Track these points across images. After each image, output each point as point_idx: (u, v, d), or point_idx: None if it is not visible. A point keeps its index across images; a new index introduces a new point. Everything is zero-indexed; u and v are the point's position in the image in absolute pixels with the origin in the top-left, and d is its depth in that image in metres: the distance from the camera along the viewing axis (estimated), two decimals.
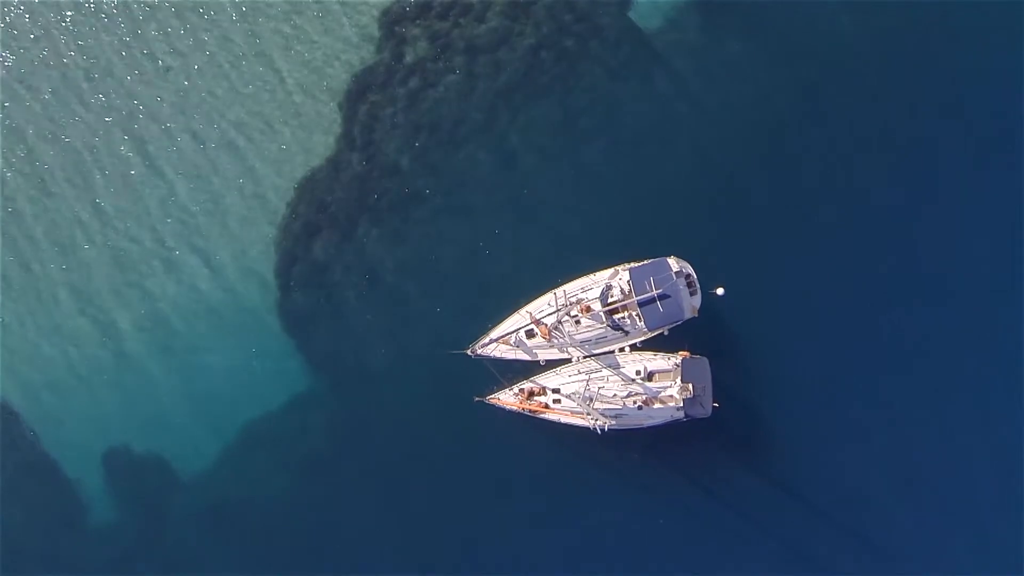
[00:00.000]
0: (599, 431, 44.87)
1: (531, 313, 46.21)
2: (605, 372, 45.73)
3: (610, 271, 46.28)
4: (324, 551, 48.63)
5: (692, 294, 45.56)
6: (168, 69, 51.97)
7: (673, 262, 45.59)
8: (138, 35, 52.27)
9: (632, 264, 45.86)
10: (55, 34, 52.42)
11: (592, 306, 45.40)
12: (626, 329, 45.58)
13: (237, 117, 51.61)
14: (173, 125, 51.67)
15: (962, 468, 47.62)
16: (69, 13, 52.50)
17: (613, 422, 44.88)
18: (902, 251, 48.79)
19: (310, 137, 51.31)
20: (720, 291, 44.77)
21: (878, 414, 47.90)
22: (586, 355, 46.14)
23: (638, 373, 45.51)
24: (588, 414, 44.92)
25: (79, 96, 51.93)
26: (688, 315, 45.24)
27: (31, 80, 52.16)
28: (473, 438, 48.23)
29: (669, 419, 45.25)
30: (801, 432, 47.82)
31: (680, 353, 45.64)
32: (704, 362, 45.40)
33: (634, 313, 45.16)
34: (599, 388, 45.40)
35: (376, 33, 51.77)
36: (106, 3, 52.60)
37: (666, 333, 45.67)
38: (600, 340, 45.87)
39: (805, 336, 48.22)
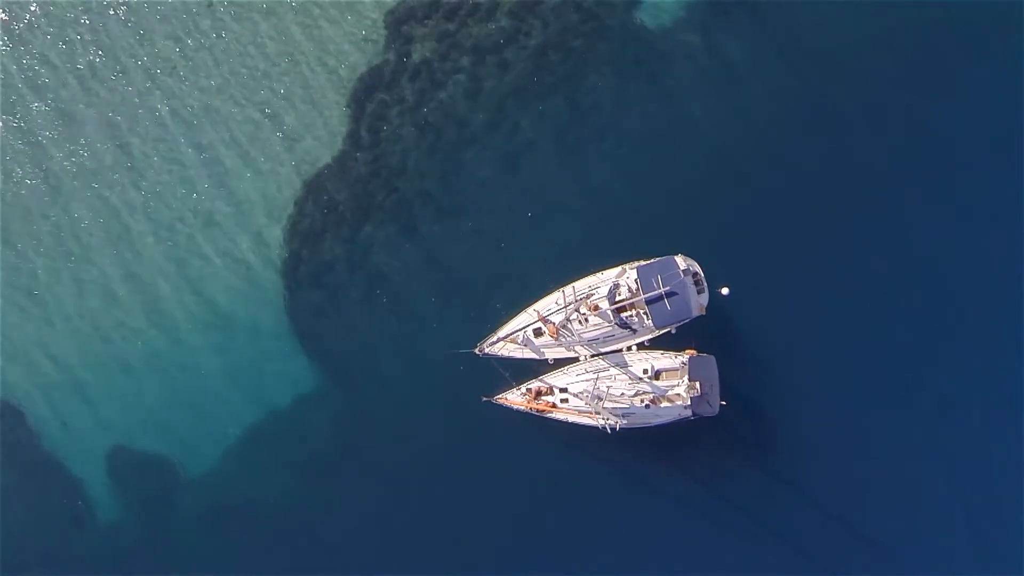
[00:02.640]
0: (607, 430, 44.89)
1: (539, 312, 46.12)
2: (613, 371, 45.73)
3: (617, 269, 46.26)
4: (329, 552, 48.46)
5: (699, 292, 45.60)
6: (173, 67, 51.92)
7: (680, 260, 45.62)
8: (146, 36, 52.32)
9: (639, 262, 45.89)
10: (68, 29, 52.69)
11: (600, 304, 45.41)
12: (634, 327, 45.59)
13: (242, 116, 51.52)
14: (177, 124, 51.53)
15: (963, 468, 47.75)
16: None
17: (621, 421, 44.84)
18: (908, 250, 48.96)
19: (316, 137, 51.24)
20: (725, 291, 44.82)
21: (882, 413, 47.97)
22: (594, 354, 46.21)
23: (645, 372, 45.51)
24: (596, 413, 44.96)
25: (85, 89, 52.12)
26: (696, 313, 45.23)
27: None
28: (480, 438, 48.11)
29: (676, 417, 45.24)
30: (806, 430, 47.91)
31: (687, 351, 45.68)
32: (711, 360, 45.47)
33: (642, 311, 45.14)
34: (607, 387, 45.40)
35: (382, 33, 51.68)
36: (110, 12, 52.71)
37: (674, 331, 45.65)
38: (608, 339, 45.84)
39: (812, 334, 48.29)
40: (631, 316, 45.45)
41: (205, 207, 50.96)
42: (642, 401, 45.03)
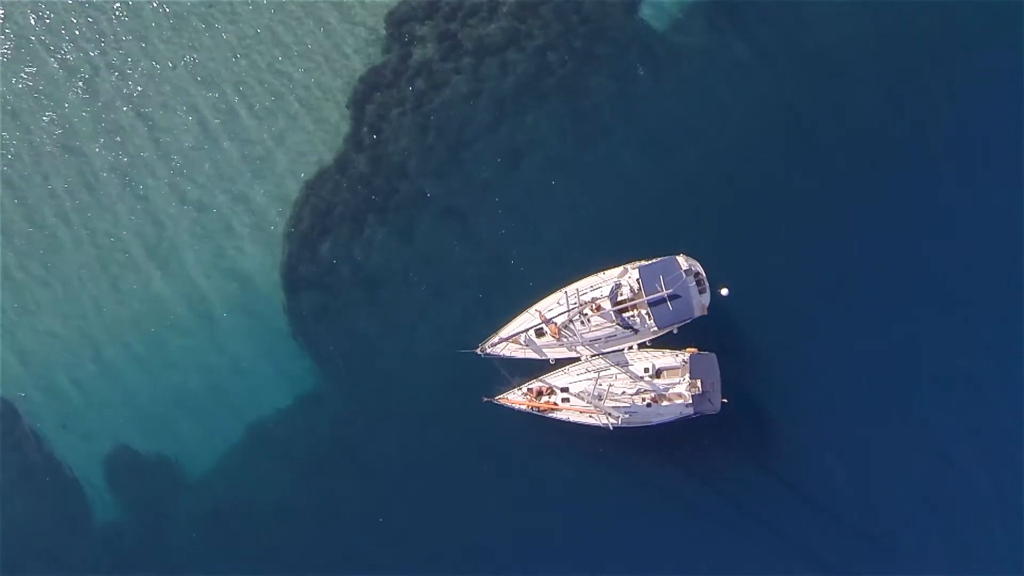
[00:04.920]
0: (609, 429, 44.95)
1: (540, 312, 46.20)
2: (614, 370, 45.78)
3: (619, 269, 46.33)
4: (330, 552, 48.33)
5: (701, 292, 45.66)
6: (173, 67, 51.93)
7: (682, 260, 45.63)
8: (143, 36, 52.31)
9: (641, 262, 45.92)
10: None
11: (602, 304, 45.45)
12: (636, 327, 45.63)
13: (242, 116, 51.49)
14: (176, 122, 51.50)
15: (963, 468, 47.86)
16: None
17: (622, 420, 44.93)
18: (909, 249, 49.15)
19: (316, 138, 51.26)
20: (724, 291, 44.98)
21: (882, 412, 48.15)
22: (595, 353, 46.22)
23: (646, 370, 45.58)
24: (598, 412, 44.98)
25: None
26: (698, 313, 45.33)
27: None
28: (482, 438, 48.15)
29: (678, 416, 45.30)
30: (807, 428, 48.01)
31: (688, 349, 45.76)
32: (712, 358, 45.45)
33: (644, 311, 45.17)
34: (608, 386, 45.43)
35: (383, 33, 51.87)
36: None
37: (675, 331, 45.76)
38: (610, 339, 45.86)
39: (812, 331, 48.43)
40: (633, 316, 45.51)
41: (204, 208, 50.89)
42: (643, 400, 45.09)
